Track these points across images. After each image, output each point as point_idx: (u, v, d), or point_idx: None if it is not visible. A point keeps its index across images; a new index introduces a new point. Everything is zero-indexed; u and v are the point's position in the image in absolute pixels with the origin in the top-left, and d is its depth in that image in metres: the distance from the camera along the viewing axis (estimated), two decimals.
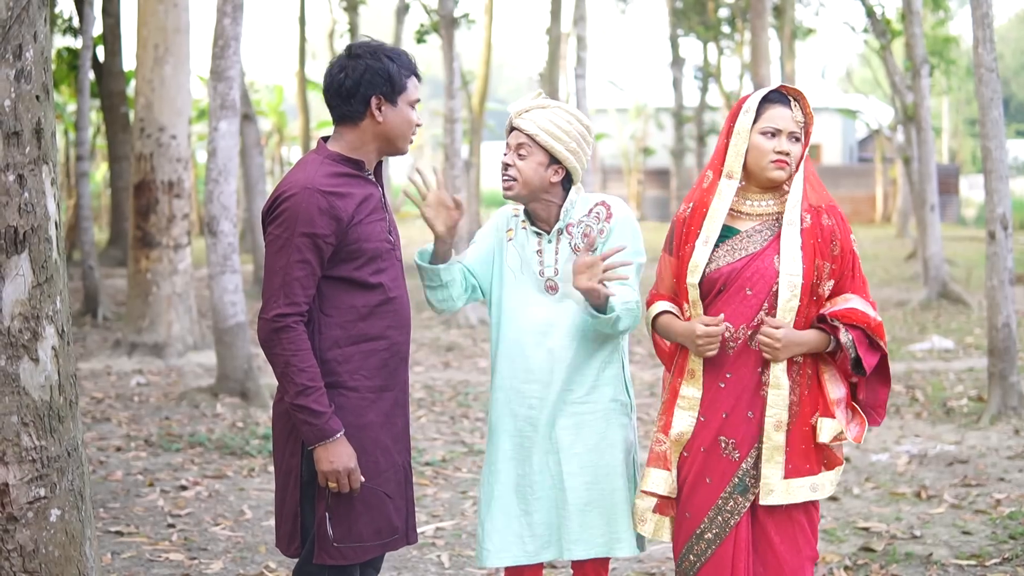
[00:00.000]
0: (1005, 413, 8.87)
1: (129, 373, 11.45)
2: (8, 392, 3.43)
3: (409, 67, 3.75)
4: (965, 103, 55.78)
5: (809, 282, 3.77)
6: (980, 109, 9.01)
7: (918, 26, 17.02)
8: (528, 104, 4.05)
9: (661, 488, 3.95)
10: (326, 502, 3.66)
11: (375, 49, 3.72)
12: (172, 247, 12.32)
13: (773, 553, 3.81)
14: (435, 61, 33.64)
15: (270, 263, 3.61)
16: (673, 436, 3.91)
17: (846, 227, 3.86)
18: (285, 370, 3.57)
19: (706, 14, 28.11)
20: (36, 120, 3.46)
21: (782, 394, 3.79)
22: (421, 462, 7.85)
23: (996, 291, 8.94)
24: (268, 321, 3.57)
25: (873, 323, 3.80)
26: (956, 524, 6.38)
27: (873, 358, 3.80)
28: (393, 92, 3.70)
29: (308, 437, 3.60)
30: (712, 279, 3.85)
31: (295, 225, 3.56)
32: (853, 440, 3.84)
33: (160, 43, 12.20)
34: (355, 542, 3.70)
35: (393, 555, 5.96)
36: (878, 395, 3.92)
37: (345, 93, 3.69)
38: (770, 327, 3.75)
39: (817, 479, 3.82)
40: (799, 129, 3.83)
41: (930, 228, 17.32)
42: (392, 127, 3.73)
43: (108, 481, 7.30)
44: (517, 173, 4.01)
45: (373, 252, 3.69)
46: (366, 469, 3.68)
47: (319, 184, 3.60)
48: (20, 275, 3.44)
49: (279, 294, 3.57)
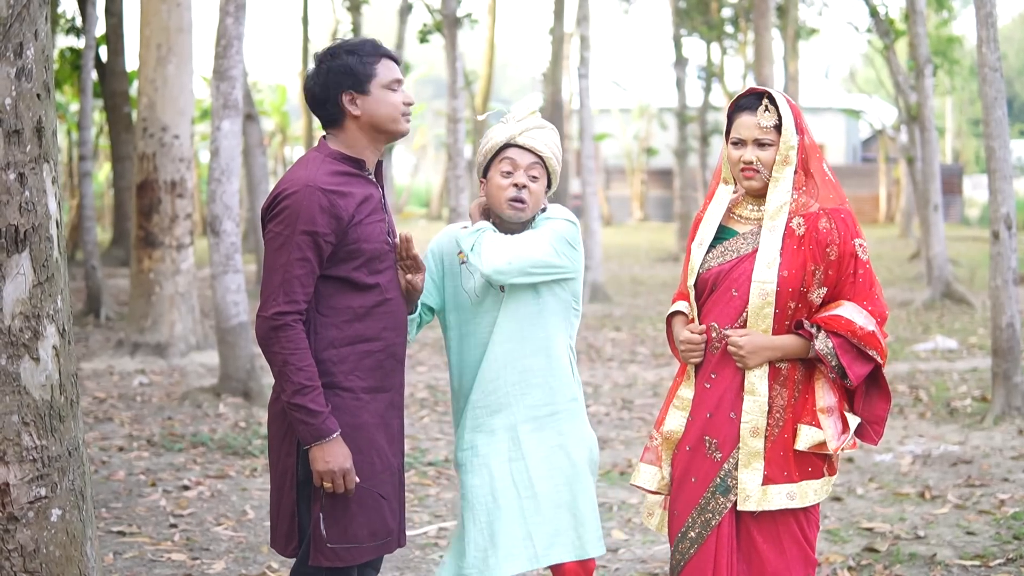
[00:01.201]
0: (1009, 413, 8.86)
1: (132, 373, 11.45)
2: (9, 391, 3.42)
3: (373, 53, 3.72)
4: (968, 103, 55.78)
5: (795, 288, 3.72)
6: (984, 109, 8.99)
7: (922, 26, 17.01)
8: (530, 123, 4.00)
9: (649, 484, 3.97)
10: (321, 503, 3.65)
11: (334, 50, 3.73)
12: (175, 247, 12.31)
13: (758, 555, 3.78)
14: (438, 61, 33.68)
15: (270, 261, 3.60)
16: (664, 433, 3.92)
17: (849, 230, 3.77)
18: (283, 368, 3.55)
19: (709, 14, 28.08)
20: (37, 118, 3.45)
21: (759, 401, 3.75)
22: (424, 462, 7.84)
23: (1000, 291, 8.92)
24: (267, 319, 3.56)
25: (860, 332, 3.71)
26: (960, 524, 6.37)
27: (862, 368, 3.74)
28: (360, 83, 3.68)
29: (304, 436, 3.59)
30: (704, 280, 3.88)
31: (296, 223, 3.55)
32: (832, 451, 3.73)
33: (163, 43, 12.20)
34: (350, 543, 3.68)
35: (395, 555, 5.94)
36: (875, 409, 3.83)
37: (319, 101, 3.72)
38: (735, 334, 3.75)
39: (796, 487, 3.75)
40: (765, 134, 3.78)
41: (934, 228, 17.30)
42: (373, 115, 3.71)
43: (110, 481, 7.29)
44: (528, 195, 3.96)
45: (372, 253, 3.68)
46: (361, 470, 3.67)
47: (320, 182, 3.59)
48: (21, 274, 3.43)
49: (278, 292, 3.56)
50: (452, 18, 15.42)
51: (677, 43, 27.02)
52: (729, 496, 3.78)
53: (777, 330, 3.76)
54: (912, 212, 29.69)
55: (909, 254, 26.19)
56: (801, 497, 3.76)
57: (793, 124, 3.78)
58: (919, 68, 17.18)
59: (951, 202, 39.65)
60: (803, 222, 3.75)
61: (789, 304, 3.74)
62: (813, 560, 3.84)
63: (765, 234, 3.77)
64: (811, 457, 3.77)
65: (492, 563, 3.97)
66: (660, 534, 4.04)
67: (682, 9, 27.78)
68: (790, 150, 3.78)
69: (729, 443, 3.79)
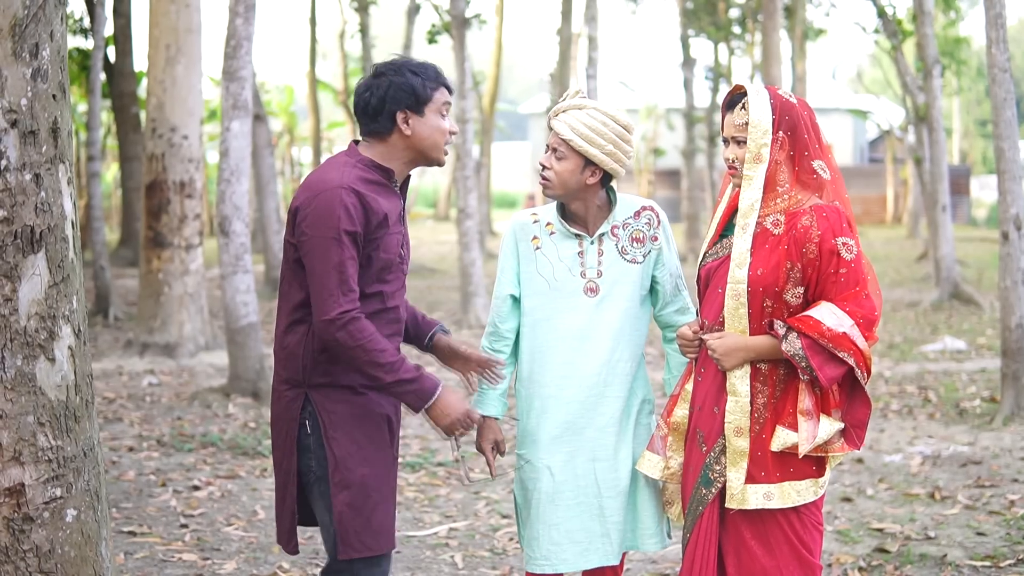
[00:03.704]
0: (1018, 414, 8.85)
1: (141, 373, 11.46)
2: (24, 392, 3.43)
3: (436, 79, 3.77)
4: (976, 104, 55.72)
5: (768, 287, 3.68)
6: (993, 109, 8.99)
7: (929, 26, 16.99)
8: (566, 104, 4.02)
9: (653, 472, 3.99)
10: (342, 497, 3.68)
11: (399, 66, 3.75)
12: (184, 247, 12.33)
13: (747, 551, 3.76)
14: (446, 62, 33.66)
15: (320, 263, 3.59)
16: (672, 423, 3.95)
17: (831, 228, 3.67)
18: (368, 358, 3.59)
19: (717, 14, 28.03)
20: (53, 119, 3.46)
21: (740, 401, 3.74)
22: (433, 463, 7.85)
23: (1009, 292, 8.92)
24: (333, 320, 3.57)
25: (828, 333, 3.60)
26: (970, 525, 6.36)
27: (834, 370, 3.65)
28: (419, 104, 3.72)
29: (414, 405, 3.68)
30: (702, 275, 3.91)
31: (339, 223, 3.57)
32: (800, 454, 3.67)
33: (172, 43, 12.22)
34: (377, 532, 3.73)
35: (406, 555, 5.96)
36: (856, 414, 3.77)
37: (372, 111, 3.73)
38: (710, 337, 3.76)
39: (775, 488, 3.71)
40: (740, 132, 3.74)
41: (941, 229, 17.28)
42: (422, 138, 3.75)
43: (121, 481, 7.30)
44: (553, 175, 4.00)
45: (383, 264, 3.71)
46: (370, 460, 3.72)
47: (353, 185, 3.63)
48: (37, 274, 3.44)
49: (338, 292, 3.58)
50: (460, 19, 15.42)
51: (685, 44, 27.01)
52: (711, 489, 3.78)
53: (754, 330, 3.72)
54: (920, 213, 29.68)
55: (917, 255, 26.14)
56: (781, 498, 3.71)
57: (769, 122, 3.70)
58: (927, 69, 17.16)
59: (959, 203, 39.59)
60: (783, 220, 3.70)
61: (765, 304, 3.70)
62: (810, 563, 3.77)
63: (738, 233, 3.74)
64: (793, 458, 3.71)
65: (567, 557, 4.07)
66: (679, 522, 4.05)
67: (690, 10, 27.76)
68: (761, 148, 3.70)
69: (713, 436, 3.79)
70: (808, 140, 3.76)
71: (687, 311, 4.21)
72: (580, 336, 4.04)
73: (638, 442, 4.12)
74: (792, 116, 3.73)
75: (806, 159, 3.76)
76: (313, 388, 3.71)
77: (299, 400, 3.72)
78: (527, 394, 4.15)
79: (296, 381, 3.72)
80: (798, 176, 3.76)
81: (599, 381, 4.05)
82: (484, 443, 4.17)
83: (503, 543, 6.18)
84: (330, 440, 3.69)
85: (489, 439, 4.16)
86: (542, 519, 4.06)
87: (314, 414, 3.71)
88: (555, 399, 4.06)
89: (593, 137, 3.95)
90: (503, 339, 4.17)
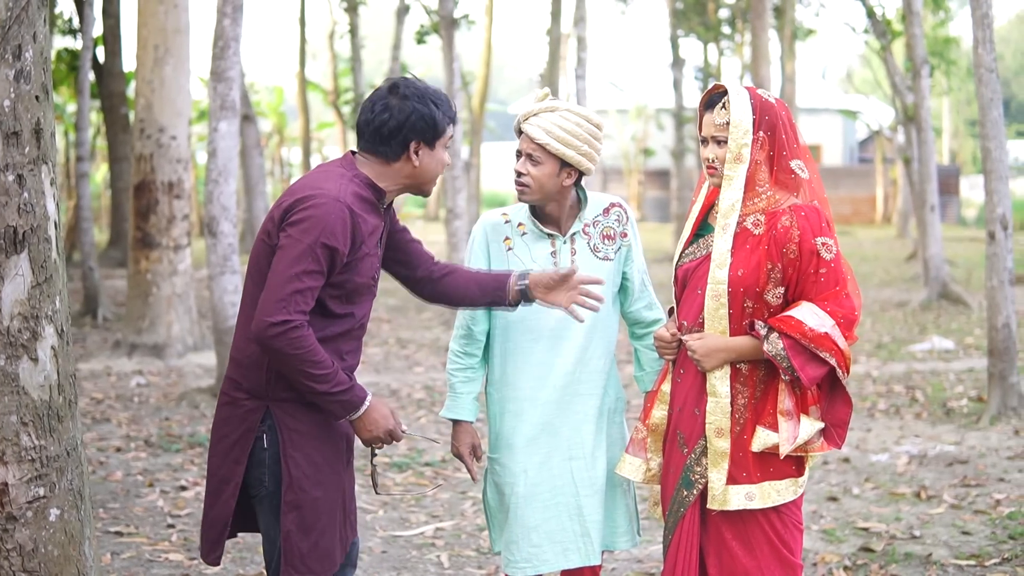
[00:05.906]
0: (1005, 413, 8.88)
1: (129, 374, 11.45)
2: (7, 392, 3.43)
3: (451, 114, 3.70)
4: (965, 104, 55.74)
5: (749, 288, 3.68)
6: (980, 109, 9.01)
7: (918, 27, 17.01)
8: (536, 107, 3.99)
9: (635, 475, 4.00)
10: (294, 517, 3.59)
11: (422, 93, 3.64)
12: (172, 248, 12.33)
13: (728, 552, 3.77)
14: (435, 62, 33.67)
15: (284, 267, 3.46)
16: (650, 425, 3.96)
17: (811, 228, 3.66)
18: (303, 368, 3.47)
19: (706, 15, 28.07)
20: (35, 120, 3.47)
21: (720, 402, 3.74)
22: (421, 463, 7.86)
23: (996, 291, 8.94)
24: (273, 325, 3.43)
25: (810, 333, 3.60)
26: (956, 524, 6.38)
27: (816, 371, 3.65)
28: (433, 139, 3.65)
29: (339, 414, 3.59)
30: (679, 275, 3.91)
31: (319, 234, 3.45)
32: (781, 455, 3.68)
33: (160, 44, 12.21)
34: (322, 556, 3.63)
35: (393, 555, 5.97)
36: (837, 413, 3.77)
37: (386, 133, 3.62)
38: (690, 338, 3.76)
39: (756, 488, 3.71)
40: (721, 131, 3.73)
41: (930, 229, 17.31)
42: (426, 171, 3.69)
43: (108, 481, 7.30)
44: (531, 180, 3.98)
45: (355, 287, 3.62)
46: (324, 483, 3.63)
47: (349, 201, 3.53)
48: (19, 275, 3.45)
49: (288, 301, 3.44)
50: (449, 19, 15.42)
51: (674, 44, 27.02)
52: (692, 490, 3.79)
53: (734, 331, 3.72)
54: (909, 213, 29.69)
55: (906, 255, 26.19)
56: (762, 498, 3.72)
57: (750, 122, 3.69)
58: (916, 69, 17.19)
59: (948, 203, 39.65)
60: (763, 220, 3.70)
61: (745, 304, 3.70)
62: (791, 562, 3.78)
63: (718, 233, 3.74)
64: (773, 458, 3.72)
65: (547, 558, 4.08)
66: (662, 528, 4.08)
67: (679, 10, 27.78)
68: (742, 148, 3.70)
69: (694, 438, 3.80)
70: (786, 140, 3.76)
71: (654, 306, 4.23)
72: (555, 336, 4.05)
73: (612, 440, 4.14)
74: (772, 116, 3.73)
75: (784, 159, 3.76)
76: (275, 402, 3.59)
77: (259, 412, 3.60)
78: (499, 397, 4.14)
79: (258, 392, 3.60)
80: (776, 176, 3.76)
81: (573, 380, 4.06)
82: (462, 448, 4.16)
83: (489, 543, 6.18)
84: (287, 458, 3.58)
85: (466, 443, 4.15)
86: (520, 522, 4.05)
87: (274, 428, 3.59)
88: (530, 401, 4.06)
89: (568, 139, 3.94)
90: (476, 342, 4.16)
